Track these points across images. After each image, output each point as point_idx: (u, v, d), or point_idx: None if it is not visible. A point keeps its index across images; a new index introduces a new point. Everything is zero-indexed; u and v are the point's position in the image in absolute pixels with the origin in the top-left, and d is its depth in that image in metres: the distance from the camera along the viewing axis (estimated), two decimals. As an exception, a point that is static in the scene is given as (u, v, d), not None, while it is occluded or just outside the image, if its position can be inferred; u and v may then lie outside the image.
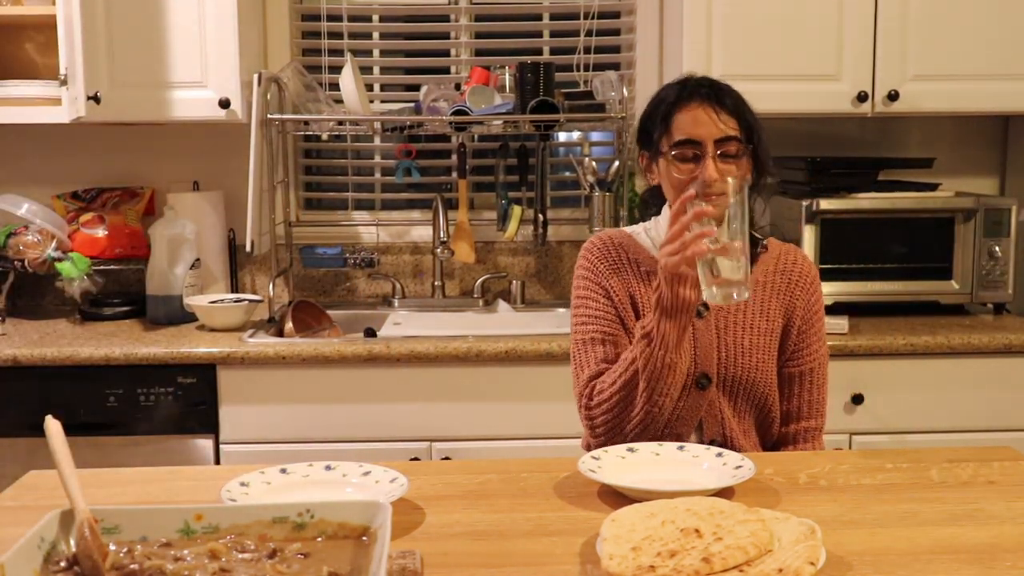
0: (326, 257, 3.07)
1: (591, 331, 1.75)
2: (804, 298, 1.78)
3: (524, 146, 3.07)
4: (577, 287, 1.80)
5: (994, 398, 2.55)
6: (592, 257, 1.80)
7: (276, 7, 3.06)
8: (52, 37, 2.53)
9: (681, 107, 1.68)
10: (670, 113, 1.69)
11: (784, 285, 1.78)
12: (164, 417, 2.48)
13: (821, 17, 2.69)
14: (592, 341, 1.74)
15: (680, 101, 1.68)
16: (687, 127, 1.66)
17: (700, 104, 1.67)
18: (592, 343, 1.74)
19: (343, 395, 2.49)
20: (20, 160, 3.07)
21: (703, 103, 1.67)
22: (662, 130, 1.70)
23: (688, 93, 1.69)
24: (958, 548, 1.19)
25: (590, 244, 1.83)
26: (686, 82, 1.73)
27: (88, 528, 0.98)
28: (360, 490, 1.37)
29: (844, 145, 3.12)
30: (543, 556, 1.18)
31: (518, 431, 2.50)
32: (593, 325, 1.75)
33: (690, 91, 1.69)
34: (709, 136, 1.65)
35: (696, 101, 1.67)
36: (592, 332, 1.74)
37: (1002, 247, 2.73)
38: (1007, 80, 2.73)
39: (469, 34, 3.16)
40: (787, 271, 1.80)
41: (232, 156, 3.04)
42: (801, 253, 1.85)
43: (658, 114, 1.71)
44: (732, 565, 1.05)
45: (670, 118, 1.68)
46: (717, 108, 1.66)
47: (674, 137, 1.67)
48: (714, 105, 1.66)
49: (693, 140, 1.65)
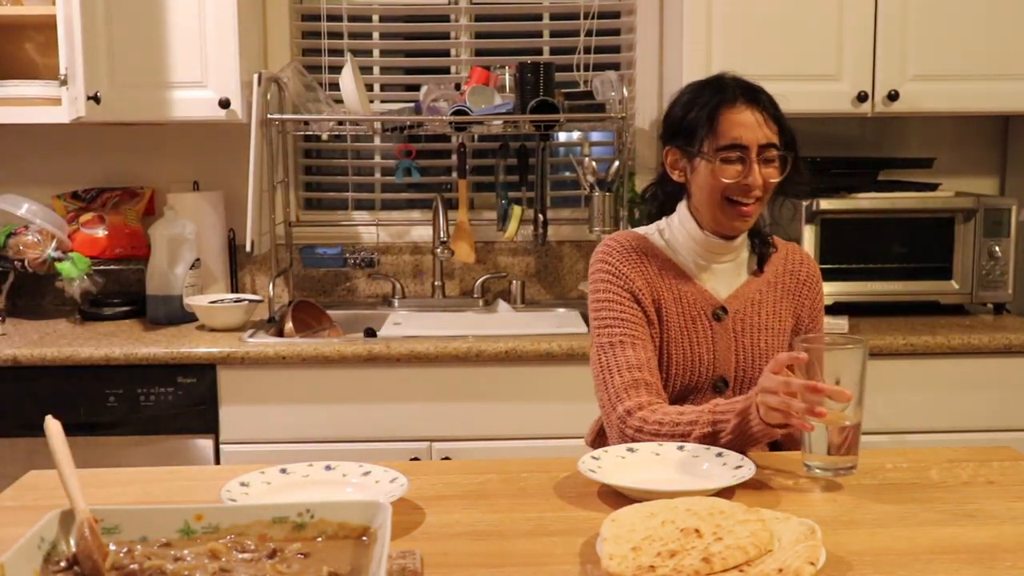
0: (326, 257, 3.07)
1: (618, 334, 1.70)
2: (811, 298, 1.80)
3: (524, 146, 3.07)
4: (597, 289, 1.75)
5: (994, 398, 2.55)
6: (613, 259, 1.75)
7: (276, 7, 3.05)
8: (52, 37, 2.53)
9: (727, 108, 1.65)
10: (715, 113, 1.65)
11: (793, 285, 1.79)
12: (164, 417, 2.48)
13: (821, 17, 2.69)
14: (621, 344, 1.69)
15: (725, 103, 1.66)
16: (734, 130, 1.64)
17: (747, 106, 1.65)
18: (621, 346, 1.69)
19: (343, 395, 2.49)
20: (20, 160, 3.07)
21: (749, 106, 1.65)
22: (706, 131, 1.66)
23: (733, 95, 1.67)
24: (958, 548, 1.19)
25: (607, 247, 1.77)
26: (725, 81, 1.71)
27: (88, 528, 0.98)
28: (360, 490, 1.37)
29: (844, 145, 3.12)
30: (543, 556, 1.18)
31: (518, 431, 2.50)
32: (619, 328, 1.70)
33: (734, 92, 1.67)
34: (755, 141, 1.64)
35: (742, 103, 1.65)
36: (620, 335, 1.69)
37: (1002, 247, 2.73)
38: (1007, 80, 2.73)
39: (469, 34, 3.16)
40: (795, 271, 1.81)
41: (232, 156, 3.04)
42: (804, 252, 1.86)
43: (702, 113, 1.67)
44: (732, 565, 1.05)
45: (716, 118, 1.65)
46: (763, 113, 1.65)
47: (720, 140, 1.64)
48: (760, 109, 1.66)
49: (741, 145, 1.64)
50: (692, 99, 1.71)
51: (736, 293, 1.75)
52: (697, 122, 1.67)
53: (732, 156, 1.65)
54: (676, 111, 1.73)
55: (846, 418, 1.36)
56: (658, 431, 1.57)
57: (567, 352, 2.47)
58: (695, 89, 1.73)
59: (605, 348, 1.71)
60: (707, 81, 1.74)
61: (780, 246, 1.83)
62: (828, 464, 1.37)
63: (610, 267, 1.74)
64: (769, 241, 1.81)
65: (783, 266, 1.80)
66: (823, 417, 1.35)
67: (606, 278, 1.74)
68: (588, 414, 1.91)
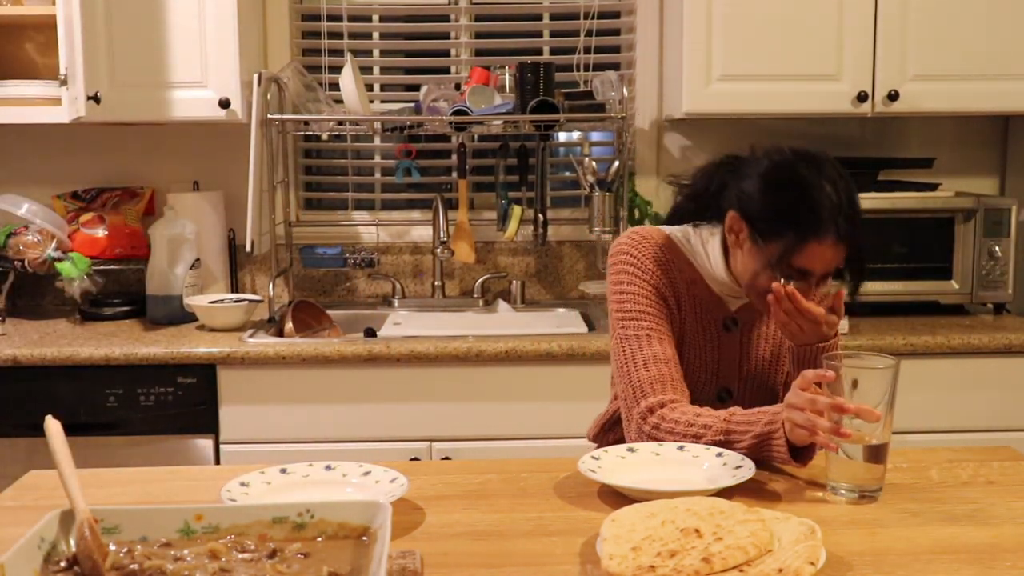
0: (326, 257, 3.07)
1: (644, 327, 1.65)
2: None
3: (524, 146, 3.07)
4: (621, 280, 1.69)
5: (994, 398, 2.55)
6: (638, 253, 1.70)
7: (276, 7, 3.06)
8: (52, 37, 2.53)
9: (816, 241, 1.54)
10: (804, 241, 1.54)
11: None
12: (164, 417, 2.48)
13: (821, 17, 2.69)
14: (648, 337, 1.65)
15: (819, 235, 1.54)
16: (812, 262, 1.56)
17: (835, 243, 1.55)
18: (648, 339, 1.65)
19: (343, 395, 2.49)
20: (20, 160, 3.07)
21: (838, 242, 1.55)
22: (786, 244, 1.55)
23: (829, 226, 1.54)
24: (958, 548, 1.19)
25: (632, 240, 1.72)
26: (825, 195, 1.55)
27: (88, 528, 0.98)
28: (360, 490, 1.37)
29: (844, 145, 3.12)
30: (543, 556, 1.18)
31: (518, 431, 2.50)
32: (646, 321, 1.66)
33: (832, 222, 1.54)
34: (824, 271, 1.58)
35: (833, 237, 1.54)
36: (647, 328, 1.65)
37: (1002, 247, 2.73)
38: (1007, 80, 2.73)
39: (469, 34, 3.16)
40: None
41: (232, 156, 3.04)
42: None
43: (790, 228, 1.54)
44: (732, 565, 1.05)
45: (804, 243, 1.54)
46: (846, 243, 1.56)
47: (793, 263, 1.55)
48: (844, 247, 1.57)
49: (809, 272, 1.57)
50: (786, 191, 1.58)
51: (747, 304, 1.72)
52: (781, 229, 1.55)
53: (798, 276, 1.58)
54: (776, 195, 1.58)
55: (873, 438, 1.35)
56: (673, 429, 1.55)
57: (567, 352, 2.47)
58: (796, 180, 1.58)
59: (631, 340, 1.66)
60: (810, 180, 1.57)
61: None
62: (854, 486, 1.34)
63: (635, 259, 1.69)
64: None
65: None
66: (848, 438, 1.33)
67: (630, 270, 1.69)
68: (588, 414, 1.91)
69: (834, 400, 1.34)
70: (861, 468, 1.34)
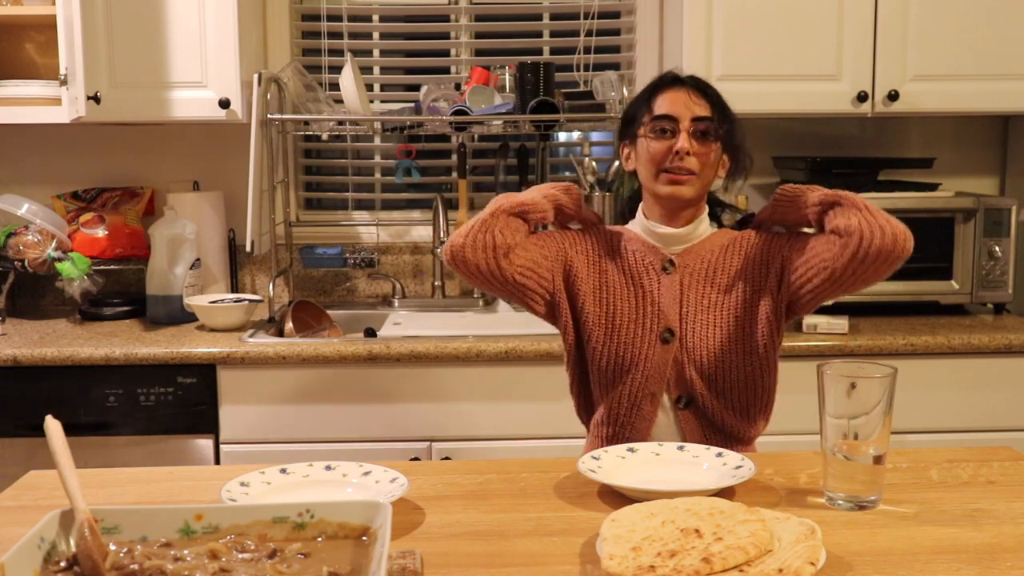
0: (326, 257, 3.07)
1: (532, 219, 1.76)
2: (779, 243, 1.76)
3: (524, 146, 3.07)
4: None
5: (994, 398, 2.55)
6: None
7: (276, 7, 3.06)
8: (52, 37, 2.53)
9: (662, 91, 1.77)
10: (652, 97, 1.78)
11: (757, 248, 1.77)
12: (164, 417, 2.48)
13: (821, 17, 2.69)
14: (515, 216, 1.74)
15: (661, 86, 1.78)
16: (664, 106, 1.75)
17: (680, 88, 1.76)
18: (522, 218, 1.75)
19: (343, 395, 2.49)
20: (20, 160, 3.07)
21: (682, 87, 1.76)
22: (642, 112, 1.78)
23: (669, 80, 1.79)
24: (958, 548, 1.19)
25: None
26: (668, 73, 1.83)
27: (88, 528, 0.98)
28: (360, 490, 1.37)
29: (844, 145, 3.12)
30: (543, 556, 1.18)
31: (518, 431, 2.50)
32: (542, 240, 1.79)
33: (671, 79, 1.79)
34: (686, 114, 1.73)
35: (676, 87, 1.77)
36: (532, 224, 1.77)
37: (1002, 247, 2.73)
38: (1007, 80, 2.73)
39: (469, 34, 3.16)
40: (747, 235, 1.81)
41: (232, 156, 3.04)
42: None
43: (641, 99, 1.81)
44: (732, 565, 1.05)
45: (652, 101, 1.77)
46: (695, 93, 1.76)
47: (655, 111, 1.76)
48: (692, 90, 1.76)
49: (670, 116, 1.73)
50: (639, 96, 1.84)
51: (689, 249, 1.79)
52: (637, 109, 1.80)
53: (663, 126, 1.74)
54: (625, 110, 1.87)
55: (871, 448, 1.34)
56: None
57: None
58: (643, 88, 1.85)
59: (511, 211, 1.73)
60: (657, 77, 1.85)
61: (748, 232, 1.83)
62: (851, 496, 1.33)
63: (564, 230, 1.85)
64: (734, 207, 1.91)
65: (744, 238, 1.80)
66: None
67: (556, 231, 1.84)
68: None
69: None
70: (858, 478, 1.33)
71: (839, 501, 1.34)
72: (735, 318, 1.75)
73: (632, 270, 1.79)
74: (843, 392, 1.32)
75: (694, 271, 1.78)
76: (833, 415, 1.33)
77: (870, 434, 1.32)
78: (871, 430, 1.32)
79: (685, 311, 1.76)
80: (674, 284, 1.77)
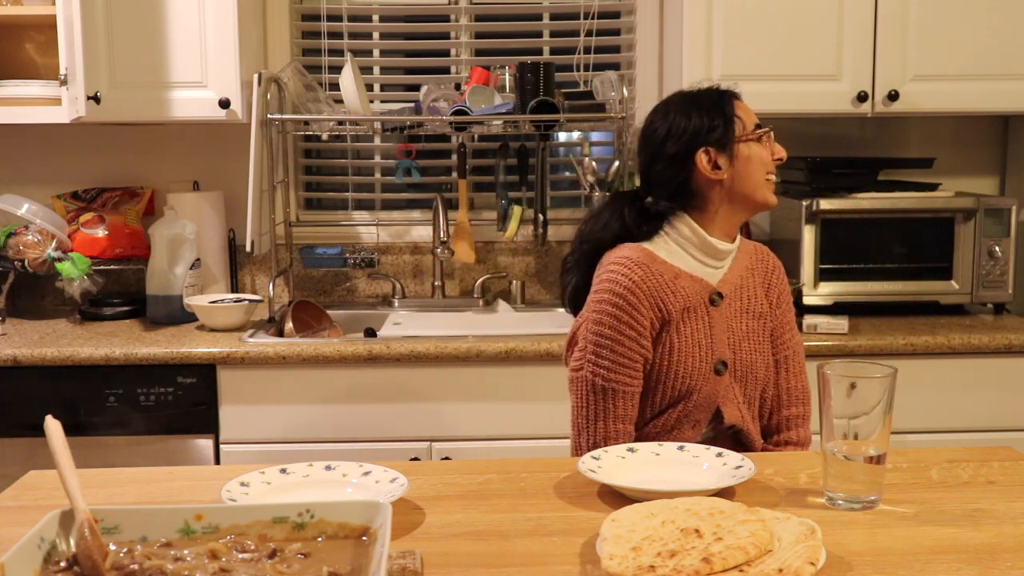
0: (326, 257, 3.07)
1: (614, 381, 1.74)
2: (778, 287, 1.88)
3: (524, 146, 3.07)
4: (601, 321, 1.74)
5: (994, 398, 2.55)
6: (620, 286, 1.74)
7: (276, 7, 3.06)
8: (52, 37, 2.53)
9: (734, 100, 1.81)
10: (732, 106, 1.79)
11: (763, 271, 1.87)
12: (164, 417, 2.48)
13: (821, 17, 2.69)
14: (613, 392, 1.74)
15: (731, 97, 1.81)
16: (750, 115, 1.81)
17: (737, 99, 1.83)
18: (613, 394, 1.74)
19: (343, 395, 2.49)
20: (20, 160, 3.07)
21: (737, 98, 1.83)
22: (727, 118, 1.78)
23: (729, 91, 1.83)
24: (958, 548, 1.19)
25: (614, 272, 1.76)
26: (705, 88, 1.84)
27: (88, 528, 0.98)
28: (360, 490, 1.37)
29: (844, 145, 3.12)
30: (543, 556, 1.18)
31: (518, 431, 2.50)
32: (617, 374, 1.74)
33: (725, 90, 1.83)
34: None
35: (733, 96, 1.82)
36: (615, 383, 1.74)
37: (1002, 247, 2.73)
38: (1007, 80, 2.73)
39: (469, 34, 3.16)
40: (763, 259, 1.90)
41: (232, 156, 3.04)
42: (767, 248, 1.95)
43: (716, 111, 1.78)
44: (732, 565, 1.05)
45: (731, 108, 1.79)
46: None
47: (747, 123, 1.79)
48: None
49: (763, 124, 1.81)
50: (691, 107, 1.80)
51: (725, 279, 1.81)
52: (716, 119, 1.78)
53: (762, 134, 1.79)
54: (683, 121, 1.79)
55: (871, 448, 1.34)
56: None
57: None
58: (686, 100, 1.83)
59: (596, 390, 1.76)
60: (689, 92, 1.85)
61: (746, 243, 1.91)
62: (851, 496, 1.32)
63: (619, 296, 1.73)
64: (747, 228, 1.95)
65: (754, 255, 1.89)
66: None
67: (614, 311, 1.74)
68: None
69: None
70: (858, 478, 1.33)
71: (839, 501, 1.33)
72: (765, 341, 1.84)
73: (686, 310, 1.75)
74: (843, 392, 1.32)
75: (734, 300, 1.80)
76: (833, 415, 1.33)
77: (870, 434, 1.32)
78: (871, 430, 1.32)
79: (733, 341, 1.79)
80: (723, 316, 1.79)
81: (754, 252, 1.90)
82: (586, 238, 1.88)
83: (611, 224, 1.83)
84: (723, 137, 1.77)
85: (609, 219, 1.84)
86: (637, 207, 1.83)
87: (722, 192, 1.77)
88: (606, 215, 1.86)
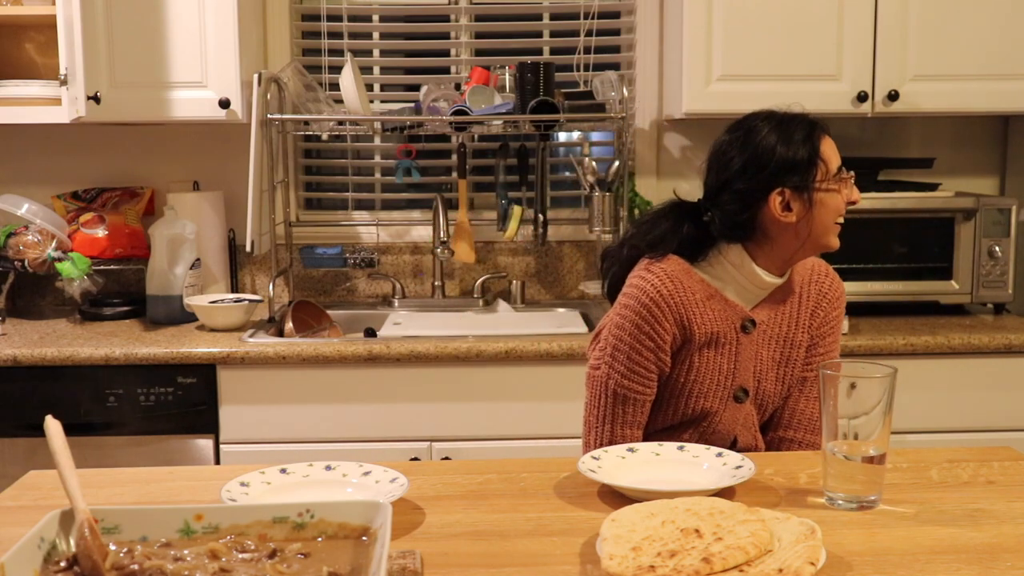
0: (326, 257, 3.07)
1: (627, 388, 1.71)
2: (826, 311, 1.78)
3: (524, 146, 3.07)
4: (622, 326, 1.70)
5: (994, 398, 2.55)
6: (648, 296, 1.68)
7: (276, 7, 3.06)
8: (52, 37, 2.53)
9: (821, 137, 1.69)
10: (816, 141, 1.68)
11: (816, 295, 1.78)
12: (164, 417, 2.48)
13: (821, 17, 2.69)
14: (625, 399, 1.71)
15: (820, 131, 1.69)
16: (834, 154, 1.70)
17: (827, 134, 1.71)
18: (624, 400, 1.71)
19: (343, 395, 2.49)
20: (20, 160, 3.07)
21: (828, 134, 1.71)
22: (812, 159, 1.67)
23: (822, 125, 1.71)
24: (958, 548, 1.19)
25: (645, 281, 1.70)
26: (812, 117, 1.72)
27: (88, 528, 0.98)
28: (360, 490, 1.37)
29: (844, 145, 3.08)
30: (543, 556, 1.18)
31: (518, 431, 2.50)
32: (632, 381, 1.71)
33: (822, 124, 1.71)
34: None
35: (823, 132, 1.70)
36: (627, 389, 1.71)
37: (1002, 247, 2.73)
38: (1007, 80, 2.73)
39: (469, 34, 3.16)
40: (819, 282, 1.79)
41: (232, 156, 3.04)
42: (831, 269, 1.84)
43: (799, 144, 1.67)
44: (732, 565, 1.05)
45: (817, 146, 1.68)
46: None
47: (830, 165, 1.68)
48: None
49: (844, 167, 1.70)
50: (776, 138, 1.68)
51: (762, 304, 1.74)
52: (800, 159, 1.66)
53: (843, 176, 1.71)
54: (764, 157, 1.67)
55: (871, 448, 1.34)
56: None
57: (567, 352, 2.47)
58: (771, 128, 1.69)
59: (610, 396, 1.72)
60: (775, 117, 1.71)
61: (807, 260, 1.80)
62: (851, 496, 1.32)
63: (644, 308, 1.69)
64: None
65: (809, 276, 1.79)
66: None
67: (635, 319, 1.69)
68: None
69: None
70: (858, 478, 1.32)
71: (839, 501, 1.33)
72: (794, 368, 1.77)
73: (714, 333, 1.70)
74: (843, 392, 1.32)
75: (771, 326, 1.74)
76: (833, 415, 1.33)
77: (870, 434, 1.32)
78: (871, 430, 1.32)
79: (759, 370, 1.74)
80: (752, 343, 1.73)
81: (811, 271, 1.80)
82: (638, 242, 1.78)
83: (668, 239, 1.73)
84: (803, 182, 1.66)
85: (667, 232, 1.74)
86: (696, 223, 1.73)
87: (787, 234, 1.67)
88: (663, 226, 1.75)
